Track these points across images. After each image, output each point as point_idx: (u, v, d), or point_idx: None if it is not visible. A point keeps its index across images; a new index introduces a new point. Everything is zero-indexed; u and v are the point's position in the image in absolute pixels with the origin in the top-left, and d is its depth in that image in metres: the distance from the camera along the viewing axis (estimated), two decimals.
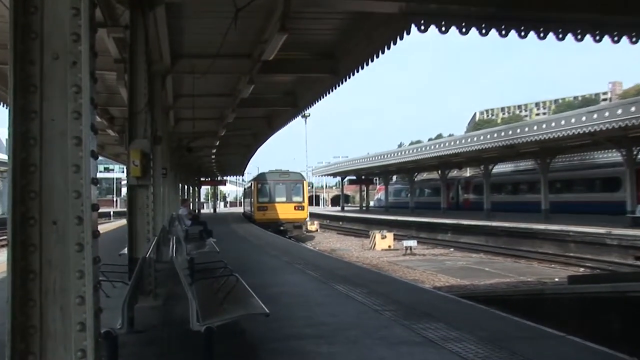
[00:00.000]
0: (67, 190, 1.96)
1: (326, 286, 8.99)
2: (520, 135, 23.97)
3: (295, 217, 31.75)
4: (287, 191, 32.14)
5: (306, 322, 6.27)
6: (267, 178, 33.06)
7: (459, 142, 29.19)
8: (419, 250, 23.26)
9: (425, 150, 32.68)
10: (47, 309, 1.84)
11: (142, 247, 7.37)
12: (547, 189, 27.42)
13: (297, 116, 19.83)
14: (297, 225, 31.89)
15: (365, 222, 39.96)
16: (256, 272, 10.73)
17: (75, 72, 1.97)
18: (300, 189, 32.46)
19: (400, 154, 36.63)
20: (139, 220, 7.56)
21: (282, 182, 32.43)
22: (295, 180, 32.87)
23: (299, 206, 32.07)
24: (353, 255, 22.82)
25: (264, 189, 32.53)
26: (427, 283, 14.42)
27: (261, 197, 32.45)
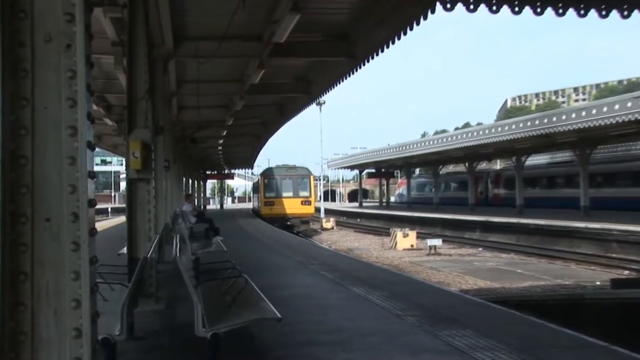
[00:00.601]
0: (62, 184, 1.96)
1: (343, 288, 8.99)
2: (556, 124, 23.68)
3: (302, 212, 33.62)
4: (294, 186, 34.11)
5: (321, 327, 6.26)
6: (274, 173, 34.99)
7: (488, 132, 28.94)
8: (444, 249, 23.17)
9: (451, 141, 32.46)
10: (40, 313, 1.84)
11: (142, 246, 7.41)
12: (586, 183, 27.08)
13: (311, 104, 19.86)
14: (304, 220, 33.77)
15: (386, 219, 39.91)
16: (267, 273, 10.75)
17: (70, 56, 1.97)
18: (307, 184, 34.38)
19: (424, 145, 36.44)
20: (140, 217, 7.61)
21: (288, 177, 34.35)
22: (302, 175, 34.69)
23: (306, 201, 34.05)
24: (372, 255, 22.81)
25: (271, 184, 34.48)
26: (453, 286, 14.36)
27: (268, 192, 34.43)
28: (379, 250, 24.44)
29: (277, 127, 26.21)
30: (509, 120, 30.39)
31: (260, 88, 16.17)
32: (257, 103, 20.65)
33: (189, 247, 8.73)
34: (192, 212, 16.35)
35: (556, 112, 25.87)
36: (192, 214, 16.17)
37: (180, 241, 6.77)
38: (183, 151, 27.29)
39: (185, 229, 11.26)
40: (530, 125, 25.41)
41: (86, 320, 1.87)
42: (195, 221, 15.82)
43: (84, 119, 1.97)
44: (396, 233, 25.05)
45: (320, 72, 15.80)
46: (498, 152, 33.98)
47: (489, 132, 28.86)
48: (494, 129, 28.73)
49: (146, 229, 7.61)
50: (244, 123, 24.25)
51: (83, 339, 1.86)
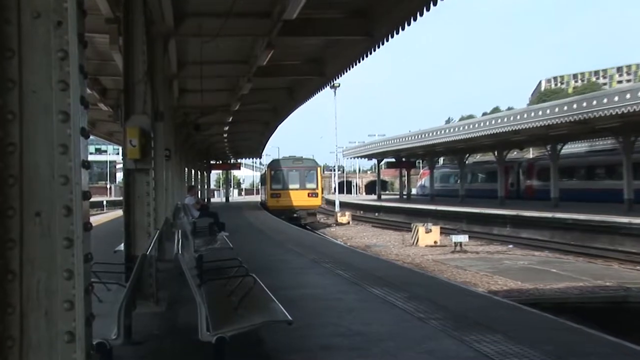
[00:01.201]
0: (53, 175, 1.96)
1: (359, 289, 9.02)
2: (597, 108, 23.39)
3: (308, 204, 36.43)
4: (301, 178, 36.87)
5: (335, 331, 6.28)
6: (280, 165, 37.98)
7: (519, 117, 28.70)
8: (471, 246, 23.12)
9: (478, 127, 32.25)
10: (29, 316, 1.83)
11: (141, 243, 7.46)
12: (631, 174, 26.77)
13: (325, 87, 19.79)
14: (310, 212, 36.51)
15: (407, 213, 39.93)
16: (277, 272, 10.82)
17: (61, 34, 1.95)
18: (314, 176, 37.16)
19: (448, 132, 36.26)
20: (138, 210, 7.65)
21: (295, 169, 37.13)
22: (309, 166, 37.50)
23: (313, 193, 36.78)
24: (392, 252, 22.82)
25: (277, 175, 37.27)
26: (481, 286, 14.32)
27: (274, 184, 37.20)
28: (399, 247, 24.44)
29: (288, 112, 26.22)
30: (543, 104, 30.09)
31: (269, 70, 16.13)
32: (265, 86, 20.62)
33: (191, 244, 8.78)
34: (195, 206, 16.47)
35: (597, 94, 25.53)
36: (195, 208, 16.28)
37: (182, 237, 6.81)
38: (185, 139, 27.41)
39: (187, 223, 11.33)
40: (567, 110, 25.13)
41: (80, 323, 1.88)
42: (198, 215, 15.94)
43: (76, 103, 1.97)
44: (418, 228, 25.01)
45: (335, 52, 15.74)
46: (531, 139, 33.70)
47: (521, 117, 28.61)
48: (526, 114, 28.47)
49: (145, 224, 7.66)
50: (251, 108, 24.25)
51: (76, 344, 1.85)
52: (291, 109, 25.13)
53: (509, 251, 22.49)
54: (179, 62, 15.83)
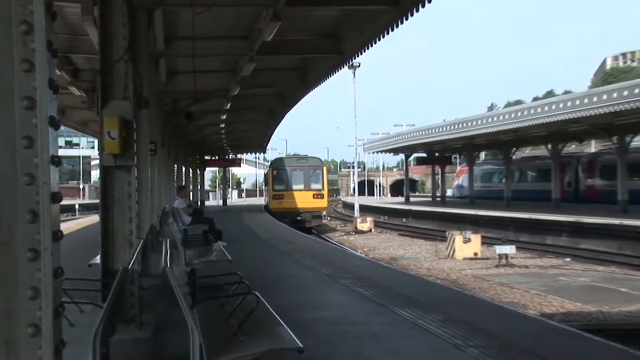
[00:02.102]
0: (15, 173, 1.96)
1: (384, 310, 9.02)
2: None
3: (314, 206, 39.46)
4: (305, 178, 40.09)
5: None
6: (283, 163, 41.52)
7: (579, 102, 28.48)
8: (519, 259, 23.02)
9: (528, 115, 32.08)
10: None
11: (121, 255, 7.50)
12: None
13: (342, 67, 19.75)
14: (315, 214, 39.56)
15: (441, 218, 39.91)
16: (284, 289, 10.86)
17: (24, 4, 1.95)
18: (320, 176, 40.36)
19: (492, 121, 36.11)
20: (117, 216, 7.69)
21: (299, 168, 40.37)
22: (314, 166, 40.86)
23: (318, 194, 39.79)
24: (423, 266, 22.80)
25: (280, 175, 40.66)
26: (532, 308, 14.25)
27: (277, 185, 40.58)
28: (431, 260, 24.40)
29: (298, 98, 26.24)
30: (609, 86, 29.85)
31: (275, 47, 16.14)
32: (271, 67, 20.61)
33: (182, 256, 8.81)
34: (186, 210, 16.55)
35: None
36: (186, 213, 16.36)
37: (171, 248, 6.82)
38: (175, 130, 27.49)
39: (177, 231, 11.37)
40: (639, 93, 24.93)
41: (47, 352, 1.87)
42: (190, 221, 16.01)
43: (44, 87, 1.96)
44: (454, 237, 24.95)
45: (355, 25, 15.71)
46: (593, 129, 33.44)
47: (581, 102, 28.38)
48: (587, 99, 28.23)
49: (126, 232, 7.69)
50: (254, 93, 24.28)
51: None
52: (301, 93, 25.12)
53: (566, 265, 22.36)
54: (167, 38, 15.88)
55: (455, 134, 40.13)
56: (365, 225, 39.85)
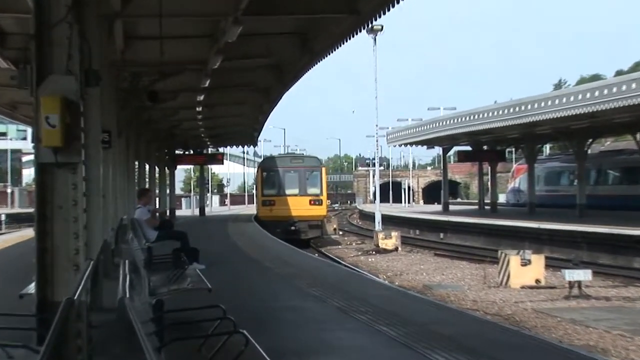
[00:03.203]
0: None
1: (416, 356, 8.99)
2: None
3: (310, 214, 42.53)
4: (301, 180, 43.26)
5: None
6: (275, 164, 44.67)
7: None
8: (597, 288, 22.89)
9: (609, 95, 31.91)
10: None
11: (63, 282, 7.44)
12: None
13: (359, 31, 19.72)
14: (313, 224, 42.70)
15: (490, 233, 39.84)
16: (282, 327, 10.83)
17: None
18: (318, 178, 43.66)
19: (559, 102, 35.99)
20: (59, 230, 7.63)
21: (293, 169, 43.54)
22: (311, 166, 44.20)
23: (316, 200, 42.90)
24: (467, 297, 22.68)
25: (271, 177, 44.00)
26: (614, 355, 14.16)
27: (267, 189, 43.94)
28: (478, 289, 24.30)
29: (299, 72, 26.22)
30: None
31: (269, 4, 16.09)
32: (263, 31, 20.58)
33: (145, 283, 8.76)
34: (150, 222, 16.48)
35: None
36: (150, 225, 16.30)
37: (131, 272, 6.79)
38: (135, 116, 27.54)
39: (139, 250, 11.33)
40: None
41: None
42: (156, 237, 15.94)
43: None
44: (509, 259, 24.81)
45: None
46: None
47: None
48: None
49: (70, 252, 7.65)
50: (241, 66, 24.26)
51: None
52: (304, 67, 25.10)
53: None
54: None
55: (510, 119, 39.97)
56: (390, 242, 39.71)
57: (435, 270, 30.55)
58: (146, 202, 17.87)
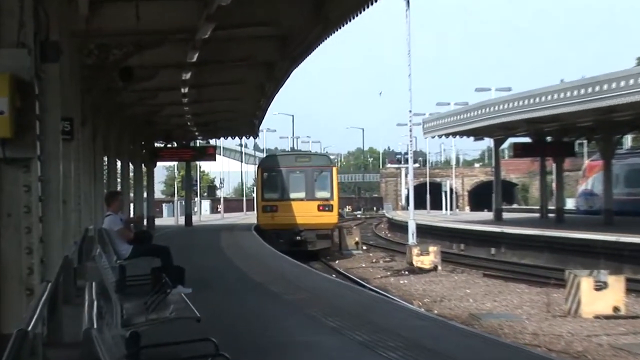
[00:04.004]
0: None
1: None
2: None
3: (319, 221, 44.23)
4: (308, 182, 45.17)
5: None
6: (277, 163, 46.62)
7: None
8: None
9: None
10: None
11: (14, 309, 7.45)
12: None
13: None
14: (322, 233, 44.42)
15: (555, 248, 39.80)
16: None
17: None
18: (328, 180, 45.74)
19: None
20: (7, 243, 7.64)
21: (299, 169, 45.57)
22: (320, 166, 46.28)
23: (326, 205, 44.76)
24: (525, 329, 22.60)
25: (273, 179, 45.93)
26: None
27: (268, 192, 45.73)
28: (540, 319, 24.23)
29: (312, 44, 26.25)
30: None
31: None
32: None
33: (117, 311, 8.76)
34: (123, 234, 16.51)
35: None
36: (123, 237, 16.33)
37: (99, 298, 6.79)
38: (104, 100, 27.56)
39: (109, 269, 11.34)
40: None
41: None
42: (131, 253, 15.97)
43: None
44: (579, 281, 24.74)
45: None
46: None
47: None
48: None
49: (22, 271, 7.67)
50: (238, 36, 24.31)
51: None
52: (317, 38, 25.13)
53: None
54: None
55: (581, 103, 39.86)
56: (427, 259, 39.65)
57: (485, 295, 30.48)
58: (117, 209, 17.90)
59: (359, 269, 40.20)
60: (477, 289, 32.25)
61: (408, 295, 30.33)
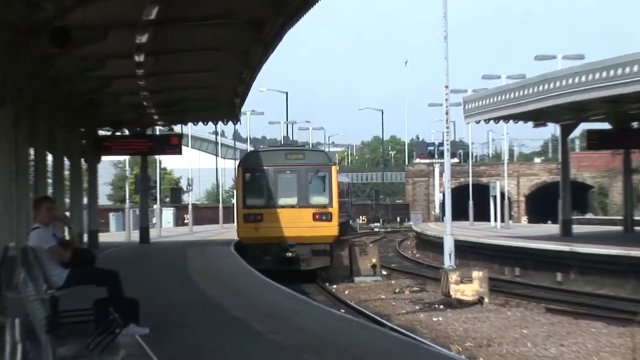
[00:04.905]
0: None
1: None
2: None
3: (315, 234, 46.15)
4: (301, 185, 47.06)
5: None
6: (262, 160, 47.93)
7: None
8: None
9: None
10: None
11: None
12: None
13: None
14: (319, 249, 45.64)
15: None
16: None
17: None
18: (326, 181, 47.28)
19: None
20: None
21: (290, 169, 47.27)
22: (317, 164, 47.71)
23: (323, 214, 46.72)
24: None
25: (257, 180, 47.93)
26: None
27: (251, 197, 47.81)
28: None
29: None
30: None
31: None
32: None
33: (49, 357, 8.78)
34: (56, 253, 16.53)
35: None
36: (56, 257, 16.35)
37: (24, 339, 6.85)
38: (33, 70, 27.61)
39: (37, 302, 11.38)
40: None
41: None
42: (66, 279, 15.99)
43: None
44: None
45: None
46: None
47: None
48: None
49: None
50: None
51: None
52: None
53: None
54: None
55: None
56: (470, 288, 39.67)
57: (548, 337, 30.53)
58: (48, 220, 17.90)
59: (376, 302, 40.25)
60: (537, 329, 32.29)
61: (443, 338, 30.33)
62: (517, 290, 43.00)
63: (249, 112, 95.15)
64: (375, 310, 36.93)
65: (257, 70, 39.82)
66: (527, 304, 39.18)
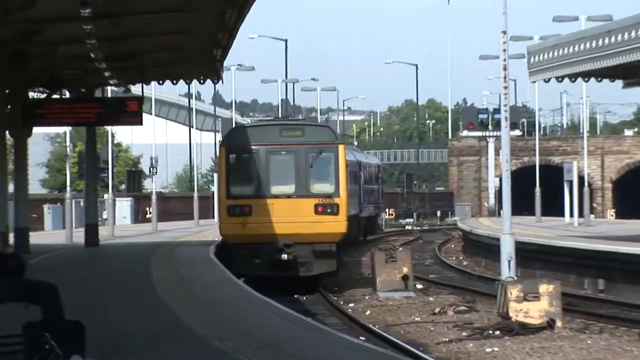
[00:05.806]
0: None
1: None
2: None
3: (318, 230, 47.18)
4: (299, 169, 48.08)
5: None
6: (251, 137, 49.24)
7: None
8: None
9: None
10: None
11: None
12: None
13: None
14: (322, 250, 46.81)
15: None
16: None
17: None
18: (331, 163, 48.52)
19: None
20: None
21: (286, 149, 48.71)
22: (319, 143, 48.83)
23: (328, 205, 47.40)
24: None
25: (245, 163, 49.92)
26: None
27: (236, 184, 49.59)
28: None
29: None
30: None
31: None
32: None
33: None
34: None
35: None
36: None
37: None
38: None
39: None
40: None
41: None
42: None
43: None
44: None
45: None
46: None
47: None
48: None
49: None
50: None
51: None
52: None
53: None
54: None
55: None
56: (536, 307, 39.75)
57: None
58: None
59: (409, 327, 40.35)
60: None
61: None
62: (601, 310, 43.01)
63: (234, 67, 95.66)
64: (408, 337, 36.98)
65: (246, 7, 39.46)
66: (615, 328, 39.23)
